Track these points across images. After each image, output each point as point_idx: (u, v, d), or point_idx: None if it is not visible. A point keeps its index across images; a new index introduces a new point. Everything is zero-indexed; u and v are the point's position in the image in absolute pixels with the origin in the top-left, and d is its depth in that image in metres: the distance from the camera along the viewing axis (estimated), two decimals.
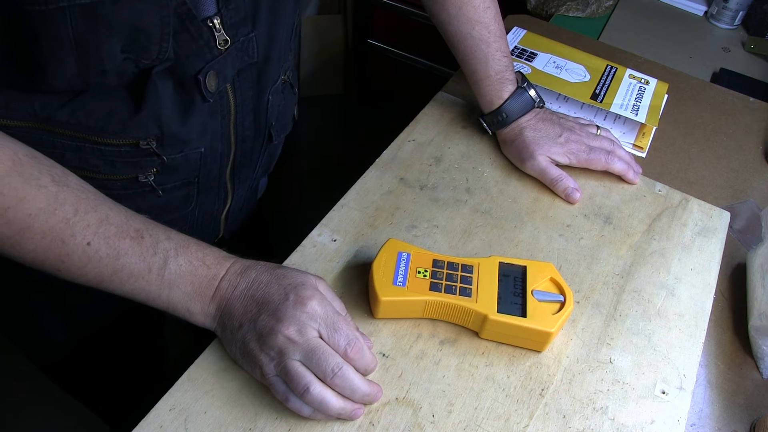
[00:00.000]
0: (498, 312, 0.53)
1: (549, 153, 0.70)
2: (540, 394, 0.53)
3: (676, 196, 0.73)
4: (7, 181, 0.42)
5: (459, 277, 0.55)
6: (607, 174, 0.73)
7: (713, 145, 0.83)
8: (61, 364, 0.78)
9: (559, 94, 0.85)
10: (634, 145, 0.81)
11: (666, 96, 0.87)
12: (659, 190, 0.73)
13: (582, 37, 1.00)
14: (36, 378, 0.92)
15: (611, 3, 1.15)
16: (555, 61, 0.87)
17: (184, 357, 0.53)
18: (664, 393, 0.54)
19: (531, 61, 0.86)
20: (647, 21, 1.13)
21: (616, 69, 0.87)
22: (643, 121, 0.80)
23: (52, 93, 0.46)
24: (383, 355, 0.54)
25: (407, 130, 0.76)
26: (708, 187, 0.77)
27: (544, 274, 0.56)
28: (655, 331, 0.59)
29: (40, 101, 0.47)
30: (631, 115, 0.80)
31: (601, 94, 0.82)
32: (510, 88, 0.71)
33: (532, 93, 0.72)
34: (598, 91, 0.83)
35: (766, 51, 1.08)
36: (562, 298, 0.55)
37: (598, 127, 0.75)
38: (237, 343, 0.49)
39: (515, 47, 0.89)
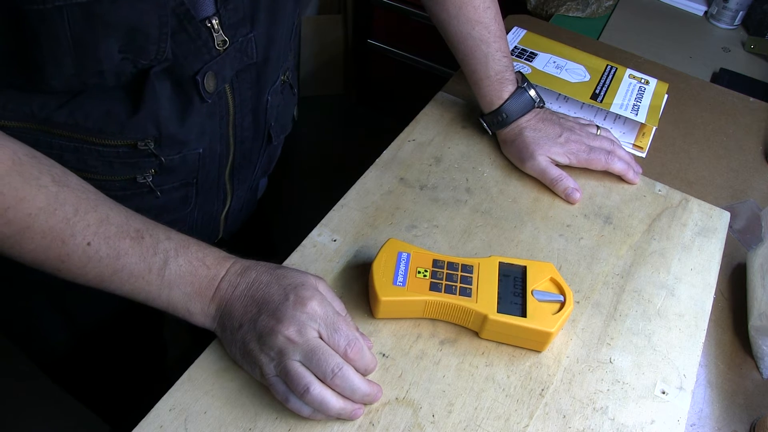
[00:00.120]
0: (498, 312, 0.53)
1: (549, 153, 0.70)
2: (540, 394, 0.53)
3: (676, 196, 0.73)
4: (7, 181, 0.42)
5: (459, 277, 0.55)
6: (607, 174, 0.73)
7: (713, 145, 0.83)
8: (61, 364, 0.78)
9: (559, 94, 0.85)
10: (634, 145, 0.81)
11: (666, 96, 0.87)
12: (659, 190, 0.73)
13: (582, 37, 1.00)
14: (36, 378, 0.92)
15: (611, 3, 1.14)
16: (555, 61, 0.87)
17: (184, 357, 0.53)
18: (664, 393, 0.54)
19: (531, 61, 0.86)
20: (647, 21, 1.13)
21: (616, 69, 0.87)
22: (643, 121, 0.80)
23: (51, 93, 0.46)
24: (383, 355, 0.54)
25: (407, 130, 0.76)
26: (708, 187, 0.77)
27: (544, 274, 0.56)
28: (655, 331, 0.59)
29: (38, 102, 0.46)
30: (631, 115, 0.80)
31: (601, 94, 0.82)
32: (510, 88, 0.71)
33: (532, 93, 0.72)
34: (598, 91, 0.83)
35: (766, 51, 1.08)
36: (562, 298, 0.55)
37: (598, 127, 0.75)
38: (237, 343, 0.49)
39: (515, 47, 0.89)
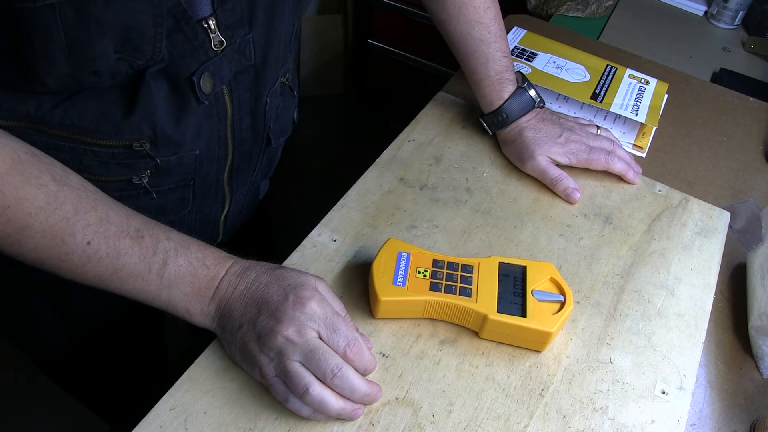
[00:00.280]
0: (498, 312, 0.53)
1: (549, 153, 0.70)
2: (540, 394, 0.53)
3: (676, 196, 0.73)
4: (7, 180, 0.42)
5: (459, 277, 0.55)
6: (607, 174, 0.73)
7: (713, 145, 0.83)
8: (61, 364, 0.78)
9: (559, 94, 0.85)
10: (634, 145, 0.81)
11: (666, 96, 0.87)
12: (659, 190, 0.73)
13: (582, 37, 1.00)
14: (36, 378, 0.92)
15: (611, 3, 1.14)
16: (555, 61, 0.87)
17: (184, 357, 0.53)
18: (664, 393, 0.54)
19: (531, 61, 0.86)
20: (647, 21, 1.13)
21: (616, 69, 0.87)
22: (643, 121, 0.80)
23: (46, 93, 0.46)
24: (383, 355, 0.54)
25: (407, 130, 0.76)
26: (708, 187, 0.77)
27: (544, 274, 0.56)
28: (655, 331, 0.59)
29: (34, 102, 0.46)
30: (631, 115, 0.80)
31: (601, 94, 0.82)
32: (510, 89, 0.71)
33: (532, 93, 0.72)
34: (598, 91, 0.83)
35: (766, 51, 1.08)
36: (562, 298, 0.55)
37: (598, 127, 0.75)
38: (236, 343, 0.49)
39: (515, 47, 0.89)
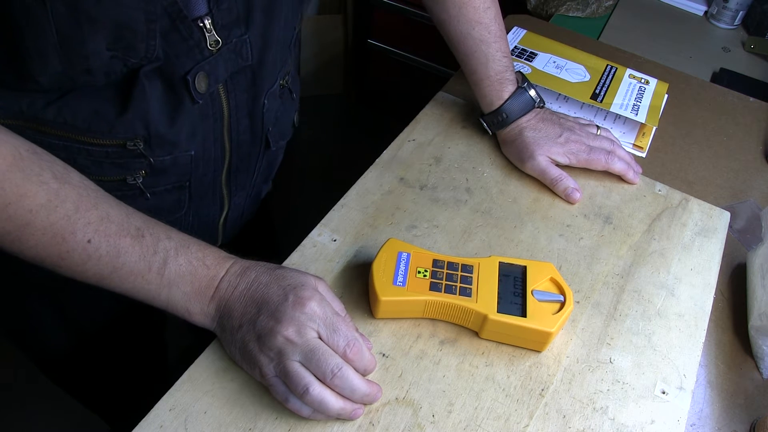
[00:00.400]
0: (498, 312, 0.53)
1: (549, 153, 0.70)
2: (540, 394, 0.53)
3: (676, 196, 0.73)
4: (9, 177, 0.41)
5: (459, 277, 0.55)
6: (607, 174, 0.73)
7: (713, 145, 0.83)
8: (61, 365, 0.78)
9: (559, 94, 0.85)
10: (634, 145, 0.81)
11: (666, 96, 0.87)
12: (659, 190, 0.73)
13: (582, 37, 1.00)
14: (36, 378, 0.92)
15: (611, 3, 1.14)
16: (555, 61, 0.87)
17: (184, 357, 0.53)
18: (664, 393, 0.54)
19: (531, 61, 0.86)
20: (647, 21, 1.13)
21: (616, 69, 0.87)
22: (643, 121, 0.80)
23: (40, 92, 0.46)
24: (383, 355, 0.54)
25: (407, 130, 0.76)
26: (708, 187, 0.77)
27: (544, 274, 0.56)
28: (655, 331, 0.59)
29: (27, 100, 0.46)
30: (631, 115, 0.80)
31: (601, 94, 0.82)
32: (510, 89, 0.71)
33: (533, 93, 0.72)
34: (598, 91, 0.83)
35: (766, 51, 1.08)
36: (562, 298, 0.55)
37: (598, 127, 0.75)
38: (236, 343, 0.49)
39: (515, 47, 0.89)
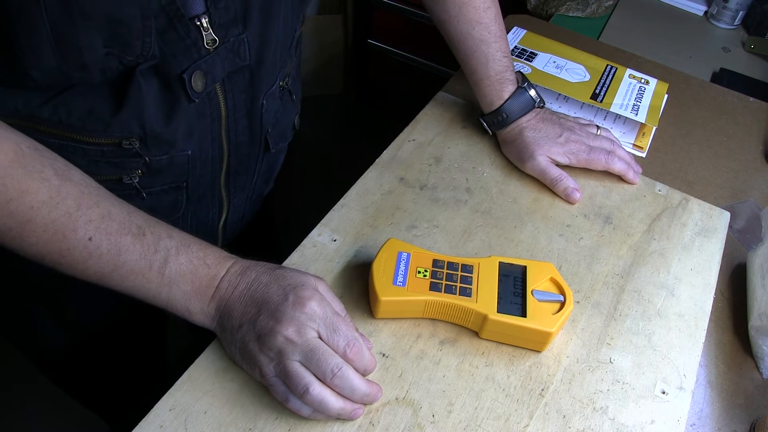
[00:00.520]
0: (498, 312, 0.53)
1: (549, 153, 0.70)
2: (540, 394, 0.53)
3: (676, 196, 0.73)
4: (10, 173, 0.41)
5: (459, 277, 0.55)
6: (607, 174, 0.73)
7: (713, 145, 0.83)
8: (61, 365, 0.78)
9: (559, 94, 0.85)
10: (634, 145, 0.81)
11: (666, 96, 0.87)
12: (659, 190, 0.73)
13: (582, 37, 1.00)
14: (36, 378, 0.92)
15: (611, 3, 1.14)
16: (555, 61, 0.87)
17: (184, 357, 0.53)
18: (664, 393, 0.54)
19: (531, 61, 0.86)
20: (647, 21, 1.13)
21: (616, 69, 0.87)
22: (643, 121, 0.80)
23: (35, 89, 0.46)
24: (383, 355, 0.54)
25: (407, 130, 0.76)
26: (708, 187, 0.77)
27: (544, 274, 0.56)
28: (655, 331, 0.59)
29: (23, 98, 0.46)
30: (631, 115, 0.80)
31: (601, 94, 0.82)
32: (510, 89, 0.71)
33: (533, 93, 0.72)
34: (598, 91, 0.83)
35: (766, 51, 1.08)
36: (562, 298, 0.55)
37: (598, 127, 0.75)
38: (236, 343, 0.49)
39: (515, 47, 0.89)
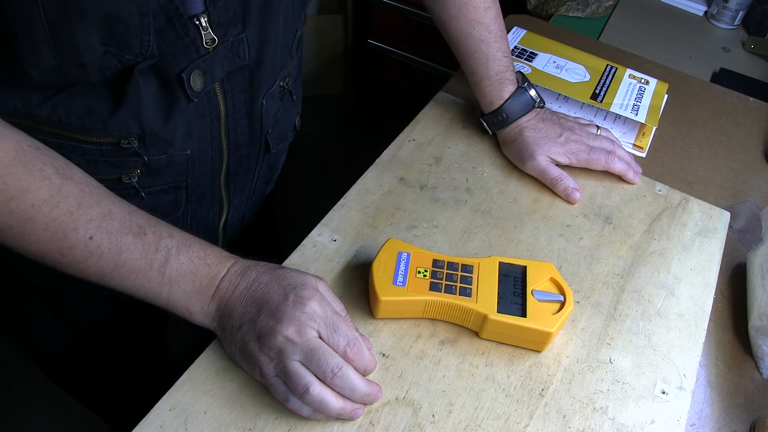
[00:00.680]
0: (498, 312, 0.53)
1: (549, 153, 0.70)
2: (540, 394, 0.53)
3: (676, 196, 0.73)
4: (11, 171, 0.41)
5: (459, 277, 0.55)
6: (607, 174, 0.73)
7: (713, 145, 0.83)
8: (62, 365, 0.78)
9: (559, 94, 0.85)
10: (634, 145, 0.81)
11: (666, 96, 0.87)
12: (659, 190, 0.73)
13: (582, 37, 1.00)
14: (36, 378, 0.92)
15: (611, 3, 1.14)
16: (555, 61, 0.87)
17: (184, 357, 0.53)
18: (664, 393, 0.54)
19: (531, 61, 0.86)
20: (647, 21, 1.13)
21: (616, 69, 0.87)
22: (643, 121, 0.80)
23: (35, 88, 0.46)
24: (383, 355, 0.54)
25: (407, 130, 0.76)
26: (708, 187, 0.77)
27: (544, 274, 0.56)
28: (655, 331, 0.59)
29: (22, 97, 0.46)
30: (631, 115, 0.80)
31: (601, 94, 0.82)
32: (510, 89, 0.71)
33: (533, 93, 0.72)
34: (598, 91, 0.83)
35: (766, 51, 1.08)
36: (562, 298, 0.55)
37: (598, 127, 0.75)
38: (236, 343, 0.49)
39: (515, 47, 0.89)
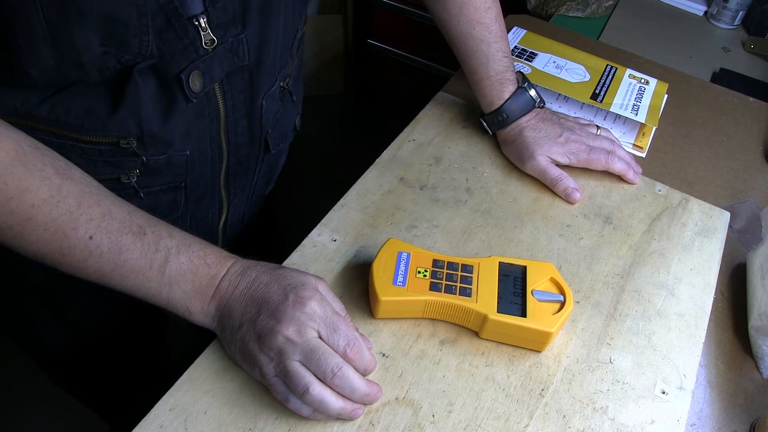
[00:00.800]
0: (498, 312, 0.53)
1: (549, 153, 0.70)
2: (540, 394, 0.53)
3: (676, 196, 0.73)
4: (11, 170, 0.41)
5: (459, 277, 0.55)
6: (607, 174, 0.73)
7: (713, 145, 0.83)
8: (62, 364, 0.78)
9: (559, 94, 0.85)
10: (634, 145, 0.81)
11: (666, 96, 0.87)
12: (659, 190, 0.73)
13: (582, 37, 1.00)
14: (36, 378, 0.92)
15: (611, 3, 1.14)
16: (555, 61, 0.87)
17: (184, 357, 0.53)
18: (664, 393, 0.54)
19: (531, 61, 0.86)
20: (647, 21, 1.13)
21: (616, 69, 0.87)
22: (643, 121, 0.80)
23: (34, 88, 0.46)
24: (383, 355, 0.54)
25: (407, 130, 0.76)
26: (708, 187, 0.77)
27: (544, 274, 0.56)
28: (655, 331, 0.59)
29: (21, 96, 0.46)
30: (631, 115, 0.80)
31: (601, 94, 0.82)
32: (510, 89, 0.71)
33: (533, 93, 0.72)
34: (598, 91, 0.83)
35: (766, 51, 1.08)
36: (562, 298, 0.55)
37: (598, 127, 0.75)
38: (236, 343, 0.49)
39: (515, 47, 0.89)
